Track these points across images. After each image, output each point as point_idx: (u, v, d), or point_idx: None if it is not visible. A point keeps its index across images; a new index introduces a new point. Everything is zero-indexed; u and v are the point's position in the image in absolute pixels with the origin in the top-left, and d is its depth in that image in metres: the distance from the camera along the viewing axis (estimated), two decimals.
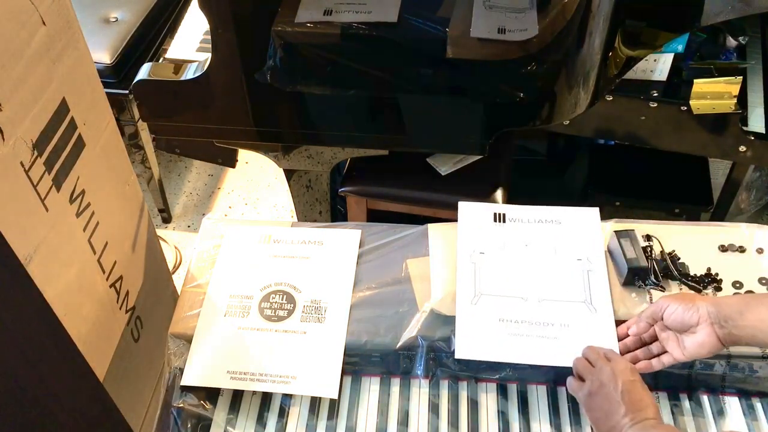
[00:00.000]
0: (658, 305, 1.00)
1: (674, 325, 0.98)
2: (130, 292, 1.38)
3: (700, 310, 0.94)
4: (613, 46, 1.46)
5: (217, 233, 1.27)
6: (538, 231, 1.23)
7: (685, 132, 1.65)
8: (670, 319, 0.97)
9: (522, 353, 1.08)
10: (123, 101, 2.00)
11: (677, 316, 0.96)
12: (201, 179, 2.56)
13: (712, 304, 0.94)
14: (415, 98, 1.48)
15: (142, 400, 1.49)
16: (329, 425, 1.08)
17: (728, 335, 0.93)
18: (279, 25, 1.36)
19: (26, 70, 1.00)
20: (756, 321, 0.90)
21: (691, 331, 0.96)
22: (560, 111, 1.49)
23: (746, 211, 2.13)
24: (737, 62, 1.67)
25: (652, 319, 1.02)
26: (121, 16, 2.09)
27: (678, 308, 0.96)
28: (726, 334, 0.93)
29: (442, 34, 1.37)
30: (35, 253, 1.04)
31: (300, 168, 1.68)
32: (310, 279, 1.19)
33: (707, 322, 0.94)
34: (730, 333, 0.92)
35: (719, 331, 0.93)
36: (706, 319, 0.94)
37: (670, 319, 0.97)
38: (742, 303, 0.93)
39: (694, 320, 0.95)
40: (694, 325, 0.95)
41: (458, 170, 1.69)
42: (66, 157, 1.12)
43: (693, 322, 0.95)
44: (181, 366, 1.11)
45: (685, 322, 0.96)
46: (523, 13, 1.37)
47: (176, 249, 2.32)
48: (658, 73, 1.64)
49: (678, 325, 0.97)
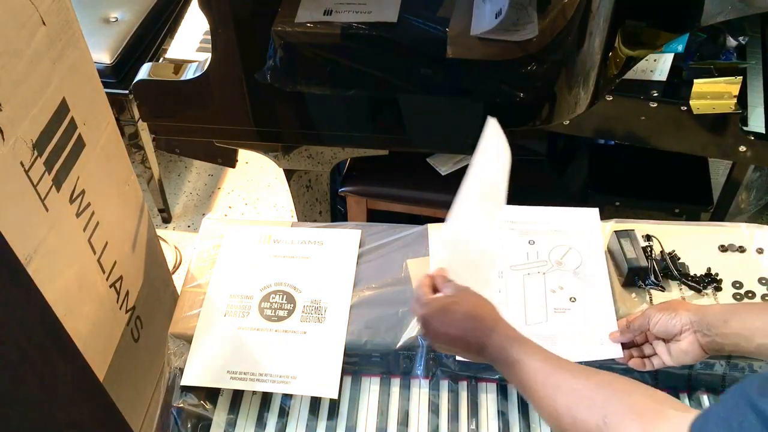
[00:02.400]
0: (645, 316, 1.02)
1: (660, 334, 1.00)
2: (130, 292, 1.38)
3: (682, 319, 0.96)
4: (613, 46, 1.46)
5: (217, 233, 1.27)
6: (538, 231, 1.23)
7: (685, 132, 1.65)
8: (656, 329, 0.99)
9: None
10: (123, 101, 2.00)
11: (661, 326, 0.98)
12: (201, 179, 2.56)
13: (695, 313, 0.95)
14: (415, 98, 1.48)
15: (142, 400, 1.49)
16: (329, 425, 1.08)
17: (711, 343, 0.94)
18: (279, 25, 1.36)
19: (26, 70, 1.00)
20: (740, 329, 0.90)
21: (676, 339, 0.97)
22: (560, 111, 1.49)
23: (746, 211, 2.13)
24: (737, 62, 1.67)
25: (640, 330, 1.03)
26: (121, 16, 2.10)
27: (662, 318, 0.98)
28: (709, 341, 0.94)
29: (442, 34, 1.37)
30: (35, 253, 1.04)
31: (300, 168, 1.68)
32: (310, 279, 1.19)
33: (690, 330, 0.95)
34: (714, 341, 0.93)
35: (702, 339, 0.94)
36: (688, 328, 0.95)
37: (656, 328, 0.99)
38: (727, 311, 0.94)
39: (677, 329, 0.96)
40: (677, 334, 0.97)
41: (458, 170, 1.69)
42: (66, 157, 1.12)
43: (676, 331, 0.96)
44: (181, 366, 1.11)
45: (669, 330, 0.97)
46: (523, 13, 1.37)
47: (176, 249, 2.32)
48: (658, 73, 1.64)
49: (663, 334, 0.99)
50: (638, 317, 1.03)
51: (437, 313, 0.91)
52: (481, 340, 0.87)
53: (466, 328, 0.89)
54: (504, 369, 0.86)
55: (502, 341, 0.85)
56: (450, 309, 0.91)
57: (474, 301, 0.92)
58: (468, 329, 0.89)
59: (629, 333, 1.05)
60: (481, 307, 0.91)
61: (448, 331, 0.91)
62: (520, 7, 1.37)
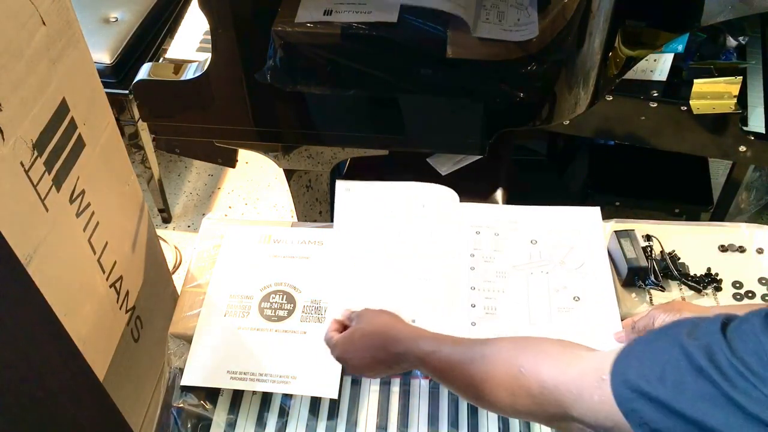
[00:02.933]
0: (650, 316, 1.01)
1: None
2: (130, 292, 1.38)
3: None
4: (613, 46, 1.46)
5: (217, 233, 1.27)
6: (539, 231, 1.23)
7: (685, 132, 1.65)
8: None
9: None
10: (123, 101, 2.00)
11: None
12: (201, 179, 2.56)
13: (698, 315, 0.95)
14: (415, 98, 1.47)
15: (142, 400, 1.49)
16: (329, 425, 1.08)
17: None
18: (279, 25, 1.36)
19: (26, 70, 1.00)
20: None
21: None
22: (560, 111, 1.48)
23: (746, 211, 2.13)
24: (737, 62, 1.67)
25: (645, 331, 1.03)
26: (121, 16, 2.09)
27: (666, 318, 0.98)
28: None
29: (442, 34, 1.37)
30: (35, 253, 1.04)
31: (300, 168, 1.68)
32: (310, 279, 1.19)
33: None
34: None
35: None
36: None
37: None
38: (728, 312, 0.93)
39: None
40: None
41: (458, 170, 1.69)
42: (66, 157, 1.12)
43: None
44: (181, 366, 1.11)
45: None
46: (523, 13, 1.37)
47: (176, 249, 2.32)
48: (658, 73, 1.64)
49: None
50: (643, 317, 1.03)
51: (344, 347, 0.92)
52: (392, 352, 0.87)
53: (373, 346, 0.89)
54: (422, 367, 0.85)
55: (409, 345, 0.85)
56: (352, 339, 0.91)
57: (369, 319, 0.92)
58: (376, 348, 0.89)
59: (634, 334, 1.04)
60: (378, 323, 0.91)
61: (363, 358, 0.90)
62: (520, 7, 1.37)
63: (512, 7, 1.37)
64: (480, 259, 1.19)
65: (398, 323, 0.91)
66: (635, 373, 0.59)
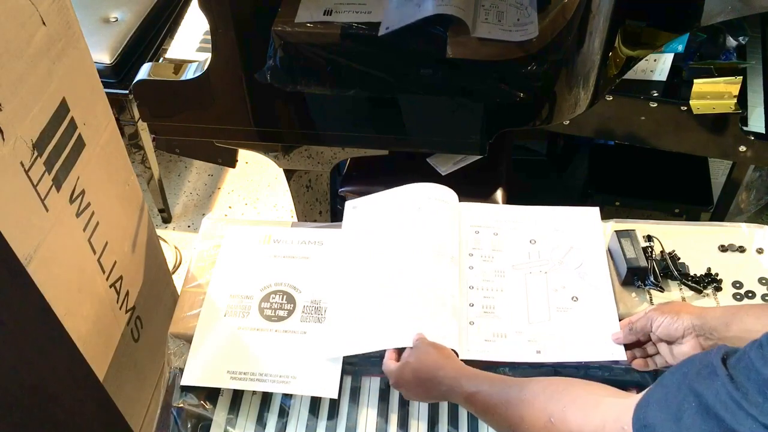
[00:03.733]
0: (648, 318, 1.01)
1: (663, 337, 0.99)
2: (130, 292, 1.38)
3: (684, 323, 0.96)
4: (613, 46, 1.46)
5: (217, 233, 1.27)
6: (539, 231, 1.23)
7: (685, 132, 1.65)
8: (658, 332, 0.99)
9: (523, 354, 1.08)
10: (123, 101, 2.00)
11: (664, 330, 0.98)
12: (201, 179, 2.56)
13: (697, 317, 0.95)
14: (415, 98, 1.47)
15: (142, 400, 1.49)
16: (329, 425, 1.08)
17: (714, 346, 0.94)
18: (279, 25, 1.36)
19: (26, 70, 1.00)
20: (741, 332, 0.90)
21: (678, 342, 0.97)
22: (560, 111, 1.48)
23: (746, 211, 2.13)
24: (737, 62, 1.67)
25: (643, 332, 1.03)
26: (121, 16, 2.10)
27: (664, 321, 0.98)
28: (712, 345, 0.94)
29: (442, 34, 1.37)
30: (35, 253, 1.04)
31: (300, 168, 1.68)
32: (310, 279, 1.19)
33: (692, 334, 0.95)
34: (716, 344, 0.93)
35: (705, 342, 0.94)
36: (690, 332, 0.95)
37: (658, 331, 0.99)
38: (728, 314, 0.93)
39: (679, 333, 0.96)
40: (680, 337, 0.96)
41: (458, 170, 1.69)
42: (66, 157, 1.12)
43: (678, 335, 0.96)
44: (181, 366, 1.11)
45: (672, 334, 0.97)
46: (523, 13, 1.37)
47: (176, 249, 2.32)
48: (658, 73, 1.64)
49: (666, 337, 0.99)
50: (641, 318, 1.03)
51: (397, 380, 1.01)
52: (438, 390, 0.96)
53: (421, 384, 0.98)
54: (465, 405, 0.94)
55: (452, 385, 0.94)
56: (403, 373, 1.00)
57: (419, 356, 1.00)
58: (424, 385, 0.98)
59: (632, 335, 1.04)
60: (426, 362, 0.99)
61: (413, 391, 1.00)
62: (519, 7, 1.37)
63: (512, 7, 1.37)
64: (479, 259, 1.19)
65: (445, 363, 0.98)
66: (653, 417, 0.65)
